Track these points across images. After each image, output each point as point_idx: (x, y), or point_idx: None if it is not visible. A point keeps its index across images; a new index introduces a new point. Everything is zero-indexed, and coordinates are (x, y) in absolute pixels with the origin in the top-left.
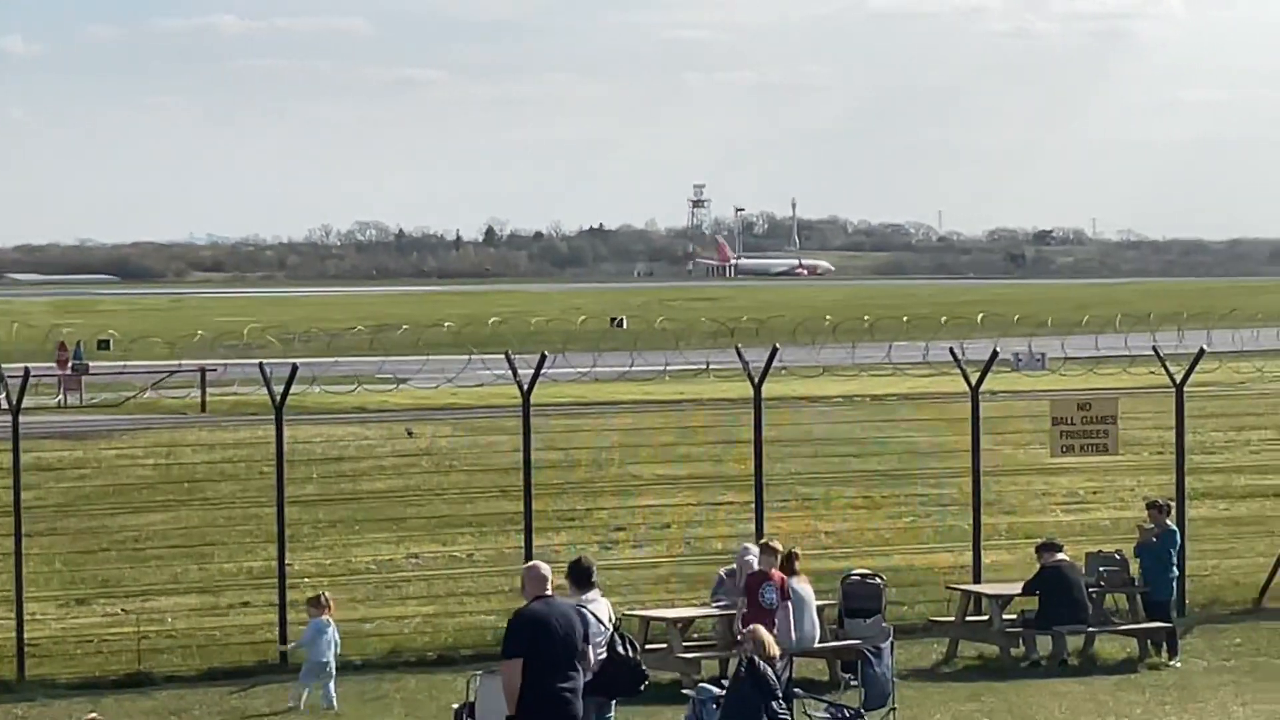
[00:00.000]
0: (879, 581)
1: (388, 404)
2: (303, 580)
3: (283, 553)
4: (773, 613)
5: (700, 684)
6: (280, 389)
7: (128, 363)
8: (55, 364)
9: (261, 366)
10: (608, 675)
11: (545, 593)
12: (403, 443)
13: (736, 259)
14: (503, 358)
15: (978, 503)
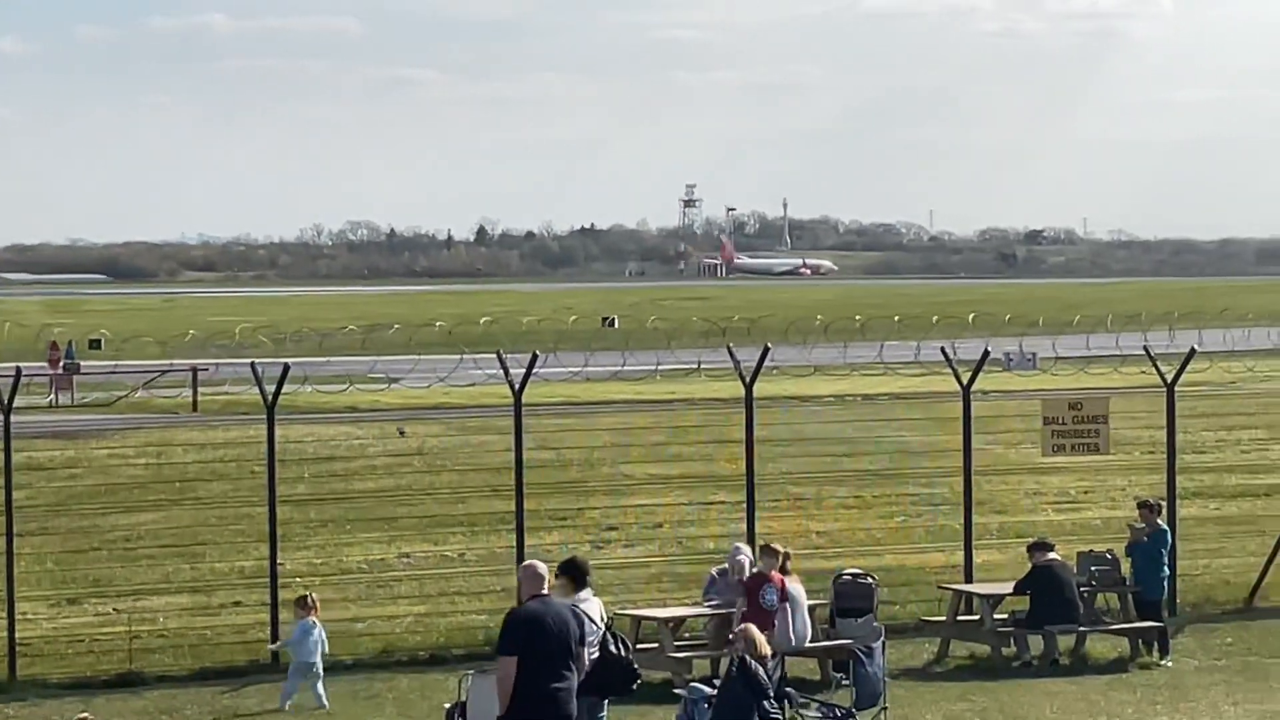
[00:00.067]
0: (871, 581)
1: (379, 404)
2: (294, 580)
3: (274, 552)
4: (773, 614)
5: (692, 683)
6: (272, 388)
7: (119, 362)
8: (47, 363)
9: (253, 366)
10: (600, 675)
11: (542, 592)
12: (394, 442)
13: (737, 258)
14: (494, 357)
15: (969, 502)
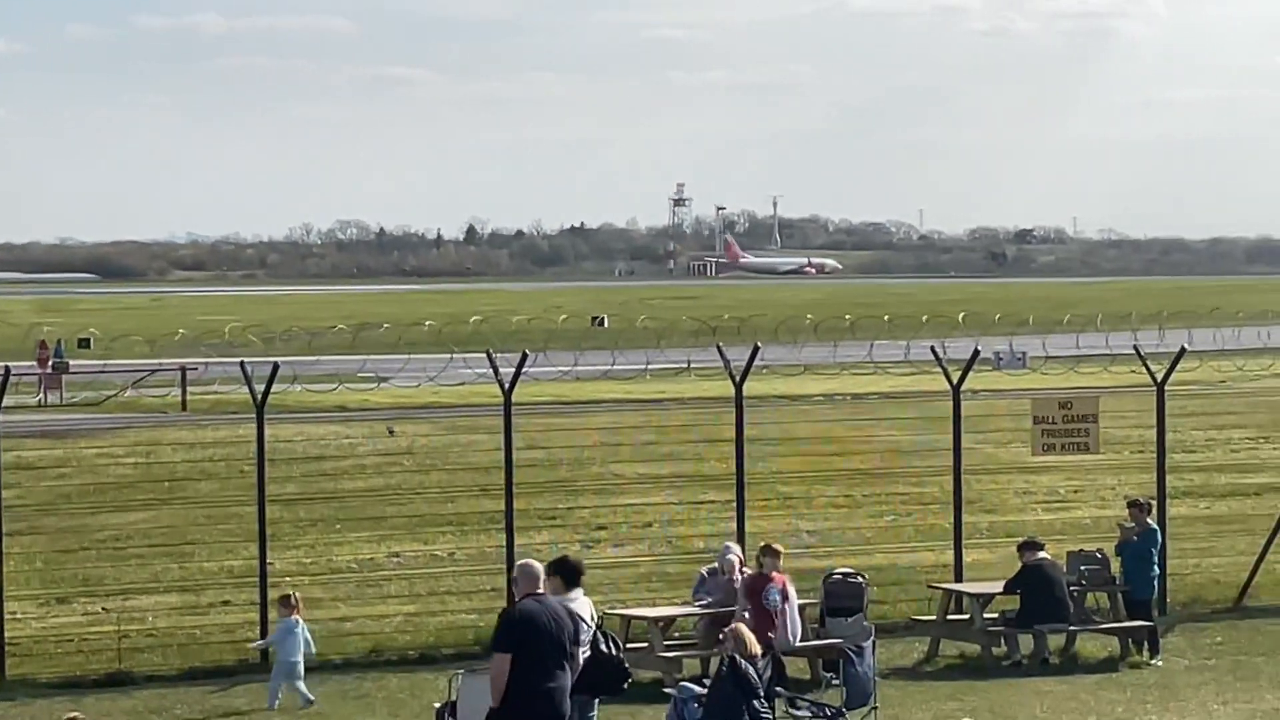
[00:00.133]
0: (861, 580)
1: (369, 403)
2: (284, 579)
3: (264, 552)
4: (776, 614)
5: (682, 683)
6: (261, 388)
7: (108, 361)
8: (36, 363)
9: (242, 365)
10: (591, 674)
11: (537, 591)
12: (384, 441)
13: (743, 257)
14: (484, 356)
15: (959, 501)
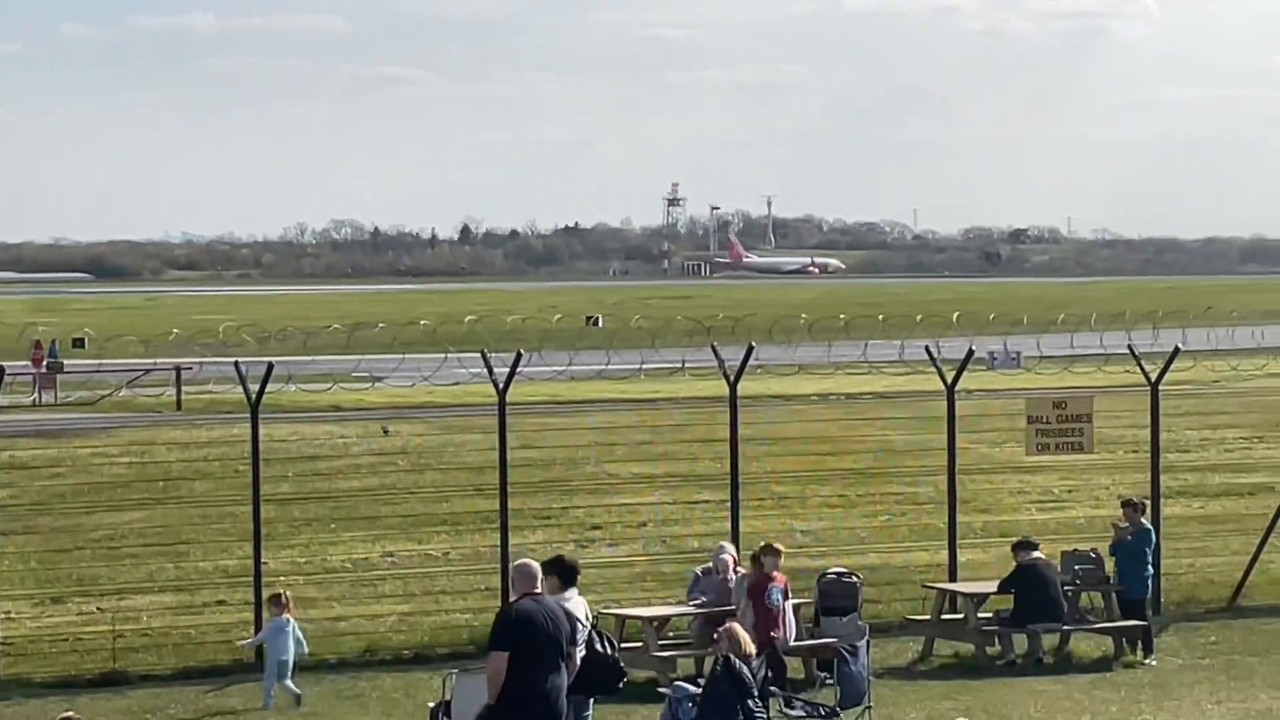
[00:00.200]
0: (855, 580)
1: (363, 402)
2: (278, 579)
3: (258, 551)
4: (778, 614)
5: (676, 682)
6: (256, 387)
7: (103, 361)
8: (30, 362)
9: (237, 365)
10: (586, 673)
11: (535, 590)
12: (378, 441)
13: (746, 257)
14: (479, 356)
15: (953, 501)
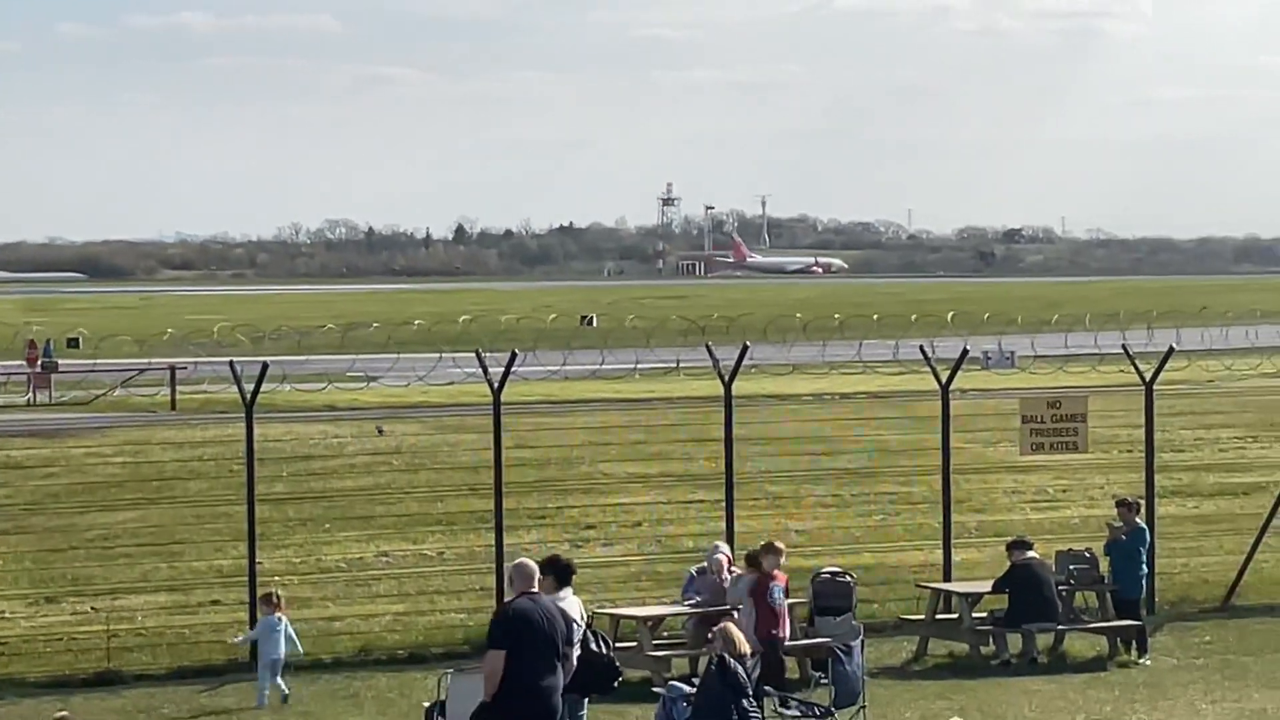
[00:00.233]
0: (849, 580)
1: (358, 402)
2: (273, 579)
3: (253, 551)
4: (781, 613)
5: (671, 682)
6: (250, 387)
7: (97, 361)
8: (25, 362)
9: (231, 365)
10: (582, 673)
11: (532, 590)
12: (373, 441)
13: (750, 257)
14: (473, 356)
15: (948, 501)
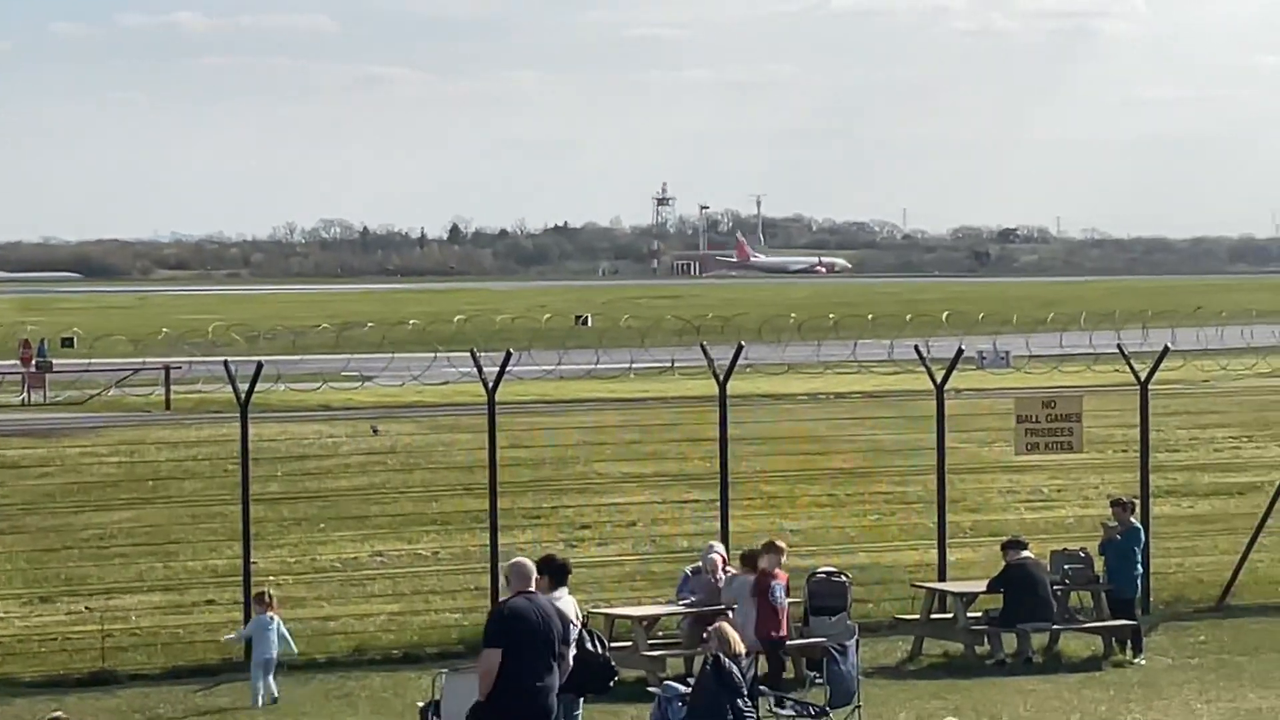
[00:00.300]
0: (844, 579)
1: (352, 402)
2: (267, 578)
3: (248, 551)
4: (783, 612)
5: (666, 682)
6: (245, 387)
7: (92, 360)
8: (19, 362)
9: (226, 364)
10: (577, 673)
11: (529, 589)
12: (368, 440)
13: (754, 256)
14: (468, 355)
15: (942, 500)
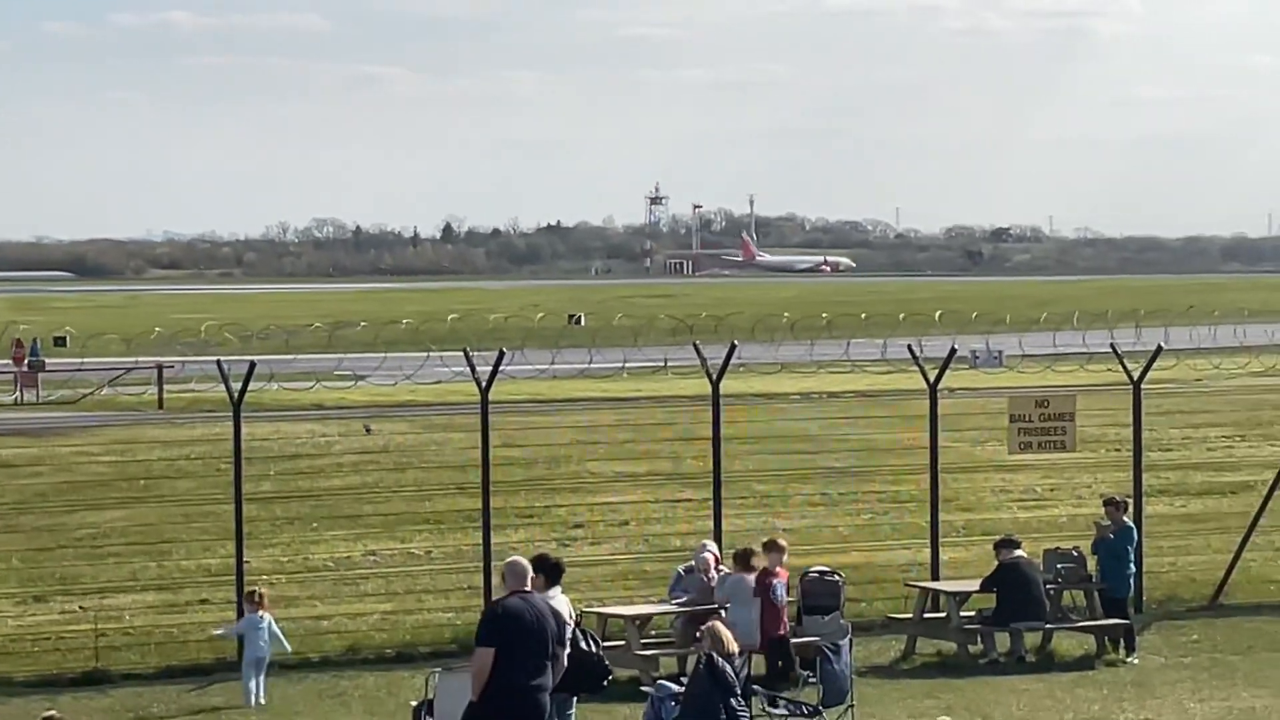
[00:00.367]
0: (837, 579)
1: (346, 401)
2: (260, 578)
3: (240, 550)
4: (784, 610)
5: (659, 681)
6: (238, 386)
7: (84, 360)
8: (11, 361)
9: (219, 363)
10: (571, 672)
11: (524, 589)
12: (361, 440)
13: (759, 256)
14: (461, 355)
15: (935, 500)
